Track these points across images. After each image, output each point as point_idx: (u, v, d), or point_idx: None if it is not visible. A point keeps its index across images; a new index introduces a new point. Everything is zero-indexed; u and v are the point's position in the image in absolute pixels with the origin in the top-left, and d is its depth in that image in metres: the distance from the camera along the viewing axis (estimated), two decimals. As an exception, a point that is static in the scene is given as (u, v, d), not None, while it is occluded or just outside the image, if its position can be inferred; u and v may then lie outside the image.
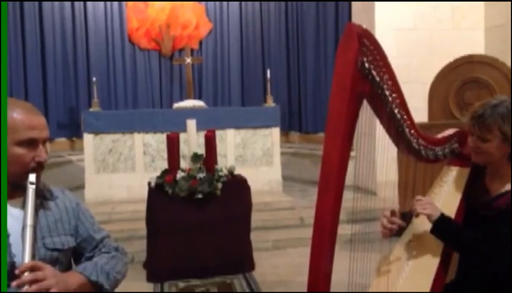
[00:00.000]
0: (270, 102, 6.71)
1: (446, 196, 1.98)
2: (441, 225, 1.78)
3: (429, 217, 1.79)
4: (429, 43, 5.91)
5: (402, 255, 1.85)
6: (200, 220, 4.12)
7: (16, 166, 1.50)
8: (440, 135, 2.00)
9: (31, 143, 1.51)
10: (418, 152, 1.84)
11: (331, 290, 1.59)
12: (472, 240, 1.79)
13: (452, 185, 2.00)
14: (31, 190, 1.49)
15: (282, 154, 6.45)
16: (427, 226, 1.82)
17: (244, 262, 4.23)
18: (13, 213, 1.53)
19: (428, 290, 1.68)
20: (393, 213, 1.94)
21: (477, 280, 1.86)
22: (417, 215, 1.82)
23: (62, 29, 7.81)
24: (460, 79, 3.68)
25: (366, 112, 1.68)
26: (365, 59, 1.49)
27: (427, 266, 1.76)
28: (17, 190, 1.55)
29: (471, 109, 1.85)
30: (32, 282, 1.35)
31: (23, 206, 1.52)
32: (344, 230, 2.14)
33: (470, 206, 1.93)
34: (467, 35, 5.94)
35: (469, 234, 1.80)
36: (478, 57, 3.77)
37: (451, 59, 3.77)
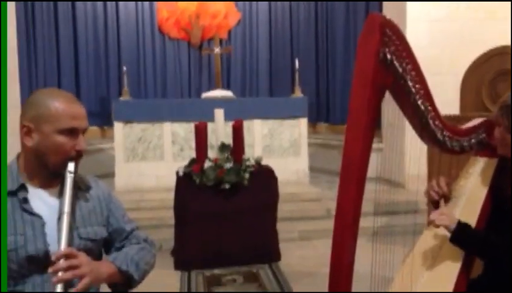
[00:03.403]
0: (298, 93, 6.68)
1: (472, 188, 1.94)
2: (459, 234, 1.74)
3: (446, 227, 1.75)
4: (462, 34, 5.75)
5: (427, 250, 1.82)
6: (227, 210, 4.16)
7: (57, 154, 1.52)
8: (466, 126, 1.95)
9: (72, 132, 1.53)
10: (443, 143, 1.80)
11: (353, 282, 1.59)
12: (492, 246, 1.74)
13: (479, 177, 1.97)
14: (69, 178, 1.51)
15: (309, 145, 6.42)
16: None
17: (270, 252, 4.25)
18: (49, 202, 1.55)
19: (452, 286, 1.66)
20: (444, 180, 1.95)
21: (503, 277, 1.82)
22: (436, 226, 1.79)
23: (94, 20, 8.01)
24: (493, 70, 3.60)
25: (394, 102, 1.66)
26: (387, 50, 1.46)
27: (451, 262, 1.73)
28: (54, 179, 1.57)
29: (500, 99, 1.81)
30: (66, 269, 1.37)
31: (59, 195, 1.55)
32: (370, 222, 2.13)
33: (496, 199, 1.89)
34: (501, 25, 5.76)
35: (488, 240, 1.75)
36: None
37: (484, 50, 3.69)
